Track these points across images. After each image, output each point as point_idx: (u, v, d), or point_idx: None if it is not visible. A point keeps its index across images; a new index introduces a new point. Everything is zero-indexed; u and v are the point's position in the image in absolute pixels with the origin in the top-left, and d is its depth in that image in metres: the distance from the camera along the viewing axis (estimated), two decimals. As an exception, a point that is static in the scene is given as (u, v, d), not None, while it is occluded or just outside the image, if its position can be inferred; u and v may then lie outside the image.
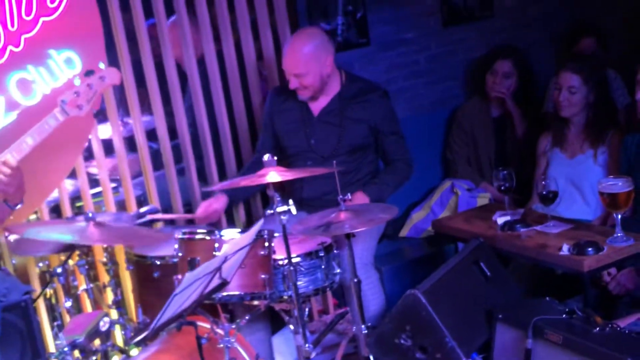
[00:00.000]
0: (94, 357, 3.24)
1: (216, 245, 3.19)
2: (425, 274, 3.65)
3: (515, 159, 4.78)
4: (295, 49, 3.95)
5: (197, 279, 2.67)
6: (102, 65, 3.24)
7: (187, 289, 2.68)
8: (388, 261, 4.55)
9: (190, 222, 4.14)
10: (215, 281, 2.79)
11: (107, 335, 3.27)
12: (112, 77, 3.23)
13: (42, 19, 3.76)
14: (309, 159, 4.08)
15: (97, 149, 4.17)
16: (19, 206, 3.17)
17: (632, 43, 5.54)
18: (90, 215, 3.34)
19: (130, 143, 4.44)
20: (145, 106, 4.42)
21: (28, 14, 3.73)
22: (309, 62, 3.92)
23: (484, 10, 5.26)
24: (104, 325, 2.91)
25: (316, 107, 4.09)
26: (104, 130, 4.41)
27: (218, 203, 4.01)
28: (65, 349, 2.78)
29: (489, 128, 4.97)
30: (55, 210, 4.28)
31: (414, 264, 4.62)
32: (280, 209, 3.12)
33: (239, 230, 3.34)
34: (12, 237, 3.96)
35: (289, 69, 3.97)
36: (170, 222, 4.28)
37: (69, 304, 3.52)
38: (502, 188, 3.88)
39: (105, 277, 3.95)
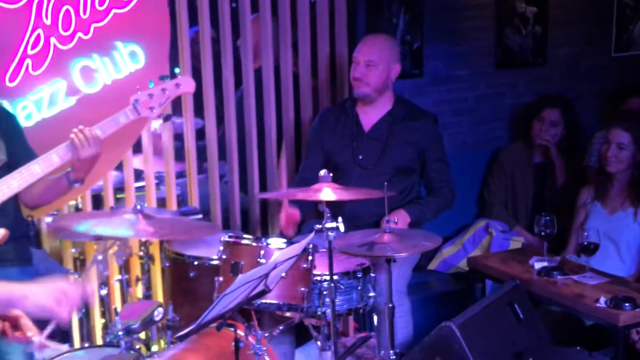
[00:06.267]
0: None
1: (261, 252, 3.21)
2: (450, 310, 3.66)
3: (552, 208, 4.78)
4: (376, 38, 4.14)
5: (247, 282, 2.71)
6: (177, 71, 3.27)
7: (235, 291, 2.71)
8: (414, 292, 4.53)
9: None
10: (260, 287, 2.83)
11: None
12: (186, 85, 3.25)
13: (113, 11, 3.83)
14: (355, 173, 4.07)
15: (147, 145, 4.21)
16: (77, 185, 3.21)
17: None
18: (138, 207, 3.34)
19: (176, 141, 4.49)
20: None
21: (101, 4, 3.80)
22: (384, 54, 4.01)
23: (537, 57, 5.30)
24: (157, 315, 2.95)
25: (367, 123, 4.12)
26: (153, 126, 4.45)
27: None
28: (120, 332, 2.82)
29: (530, 174, 5.01)
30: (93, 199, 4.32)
31: (440, 298, 4.64)
32: (329, 224, 3.16)
33: (284, 240, 3.36)
34: (49, 220, 4.00)
35: (363, 54, 4.02)
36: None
37: (104, 291, 3.54)
38: (543, 234, 3.90)
39: (137, 271, 3.99)
